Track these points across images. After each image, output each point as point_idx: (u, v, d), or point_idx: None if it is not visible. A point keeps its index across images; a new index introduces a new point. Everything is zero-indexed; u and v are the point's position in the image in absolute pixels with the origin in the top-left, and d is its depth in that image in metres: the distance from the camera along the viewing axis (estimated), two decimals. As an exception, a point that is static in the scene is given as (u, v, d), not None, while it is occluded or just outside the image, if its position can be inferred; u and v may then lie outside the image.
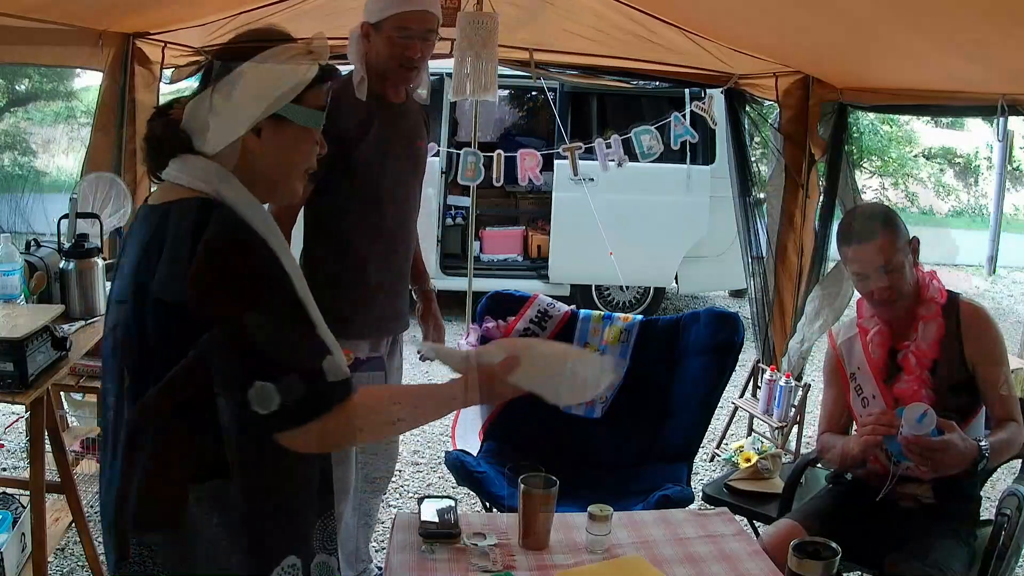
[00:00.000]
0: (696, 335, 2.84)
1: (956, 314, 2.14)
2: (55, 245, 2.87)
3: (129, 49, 3.68)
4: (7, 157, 9.66)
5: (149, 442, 1.28)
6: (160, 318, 1.24)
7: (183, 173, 1.32)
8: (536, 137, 7.06)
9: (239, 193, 1.30)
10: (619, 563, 1.71)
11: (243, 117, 1.31)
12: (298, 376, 1.22)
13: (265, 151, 1.33)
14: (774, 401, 3.83)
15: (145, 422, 1.28)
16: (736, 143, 4.28)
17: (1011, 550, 2.10)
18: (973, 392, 2.13)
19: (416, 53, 2.17)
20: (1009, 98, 2.76)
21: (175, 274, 1.22)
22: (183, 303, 1.21)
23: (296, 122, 1.34)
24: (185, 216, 1.27)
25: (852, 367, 2.25)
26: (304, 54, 1.34)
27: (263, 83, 1.31)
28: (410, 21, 2.14)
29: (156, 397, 1.25)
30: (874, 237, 2.06)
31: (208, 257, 1.22)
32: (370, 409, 1.34)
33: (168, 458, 1.28)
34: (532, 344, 1.51)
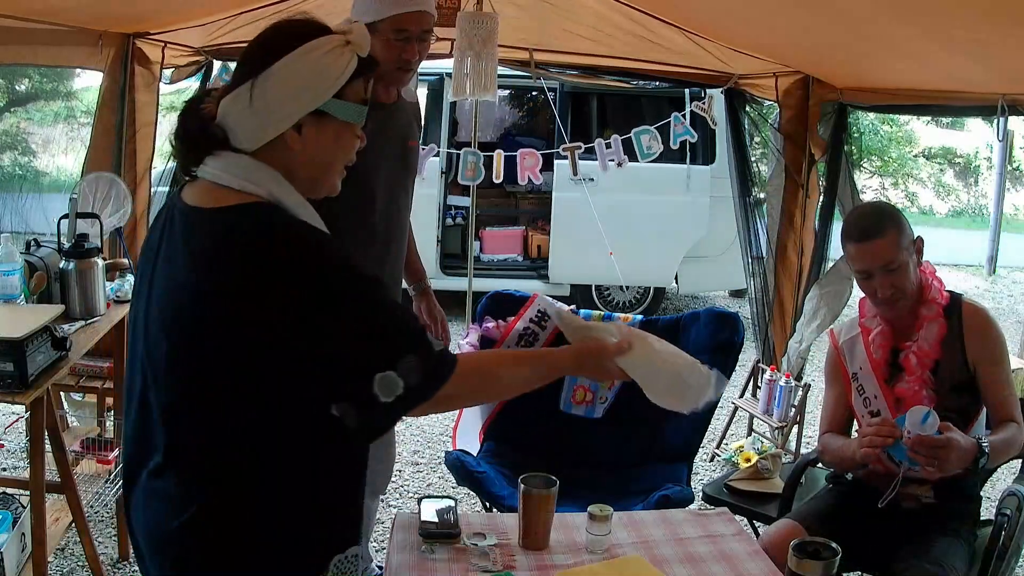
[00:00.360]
0: (696, 335, 2.84)
1: (958, 314, 2.14)
2: (55, 245, 2.87)
3: (129, 49, 3.68)
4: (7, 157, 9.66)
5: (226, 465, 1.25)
6: (238, 330, 1.19)
7: (228, 173, 1.27)
8: (536, 137, 7.06)
9: (290, 195, 1.28)
10: (619, 563, 1.71)
11: (284, 113, 1.27)
12: (414, 357, 1.23)
13: (307, 147, 1.29)
14: (774, 401, 3.83)
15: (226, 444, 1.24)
16: (736, 143, 4.28)
17: (1011, 550, 2.10)
18: (974, 393, 2.13)
19: (414, 55, 2.13)
20: (1009, 98, 2.76)
21: (262, 288, 1.18)
22: (273, 317, 1.18)
23: (338, 117, 1.31)
24: (252, 225, 1.22)
25: (854, 367, 2.25)
26: (343, 46, 1.30)
27: (305, 78, 1.27)
28: (407, 22, 2.09)
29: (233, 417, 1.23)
30: (878, 235, 2.05)
31: (298, 260, 1.20)
32: (478, 371, 1.36)
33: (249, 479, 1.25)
34: (648, 336, 1.50)
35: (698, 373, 1.49)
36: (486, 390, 1.44)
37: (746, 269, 4.32)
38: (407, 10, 2.07)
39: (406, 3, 2.07)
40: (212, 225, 1.25)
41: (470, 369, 1.33)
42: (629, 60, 4.06)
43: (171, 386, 1.26)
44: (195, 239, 1.25)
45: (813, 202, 3.93)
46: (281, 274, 1.19)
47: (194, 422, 1.25)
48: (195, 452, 1.26)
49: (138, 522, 1.33)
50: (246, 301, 1.19)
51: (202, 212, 1.26)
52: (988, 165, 12.87)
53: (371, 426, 1.25)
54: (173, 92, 4.35)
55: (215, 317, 1.20)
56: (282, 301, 1.18)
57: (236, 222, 1.24)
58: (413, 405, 1.24)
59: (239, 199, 1.25)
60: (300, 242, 1.23)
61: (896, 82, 3.32)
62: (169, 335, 1.24)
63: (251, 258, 1.20)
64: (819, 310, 3.81)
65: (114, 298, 2.95)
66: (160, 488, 1.28)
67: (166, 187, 4.16)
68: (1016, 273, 9.38)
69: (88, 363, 3.08)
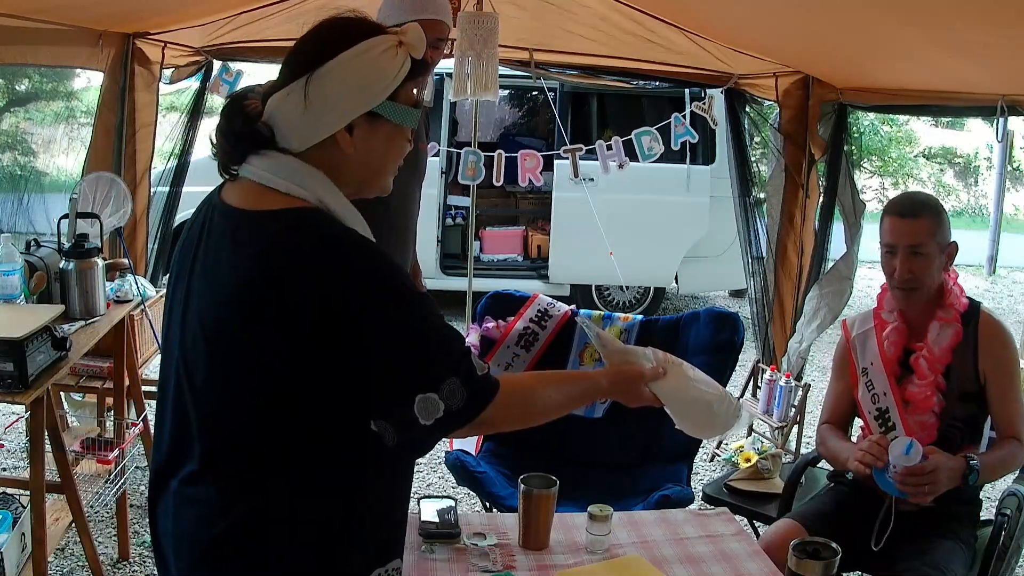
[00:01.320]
0: (696, 335, 2.84)
1: (975, 324, 2.14)
2: (55, 245, 2.87)
3: (129, 49, 3.68)
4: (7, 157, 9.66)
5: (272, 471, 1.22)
6: (284, 337, 1.17)
7: (275, 175, 1.23)
8: (536, 137, 7.06)
9: (338, 199, 1.25)
10: (619, 563, 1.71)
11: (339, 113, 1.23)
12: (457, 380, 1.21)
13: (358, 150, 1.25)
14: (774, 401, 3.83)
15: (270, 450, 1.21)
16: (736, 143, 4.28)
17: (1011, 550, 2.10)
18: (983, 403, 2.13)
19: (432, 59, 2.18)
20: (1009, 99, 2.77)
21: (315, 299, 1.15)
22: (322, 328, 1.16)
23: (391, 120, 1.27)
24: (307, 233, 1.20)
25: (865, 362, 2.24)
26: (397, 46, 1.26)
27: (360, 78, 1.23)
28: (427, 29, 2.13)
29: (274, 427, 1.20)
30: (916, 216, 2.09)
31: (357, 272, 1.18)
32: (519, 394, 1.34)
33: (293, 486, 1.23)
34: (684, 363, 1.54)
35: (728, 404, 1.52)
36: (525, 415, 1.39)
37: (746, 269, 4.32)
38: (424, 17, 2.11)
39: (424, 11, 2.15)
40: (262, 229, 1.21)
41: (511, 392, 1.30)
42: (629, 60, 4.07)
43: (210, 392, 1.22)
44: (244, 241, 1.21)
45: (813, 202, 3.93)
46: (336, 285, 1.16)
47: (234, 430, 1.22)
48: (235, 461, 1.22)
49: (166, 529, 1.30)
50: (296, 309, 1.16)
51: (249, 214, 1.23)
52: (988, 165, 12.87)
53: (409, 447, 1.23)
54: (173, 92, 4.35)
55: (261, 323, 1.17)
56: (334, 312, 1.15)
57: (288, 228, 1.20)
58: (453, 428, 1.23)
59: (287, 203, 1.22)
60: (357, 254, 1.20)
61: (896, 82, 3.32)
62: (208, 339, 1.21)
63: (306, 267, 1.16)
64: (819, 310, 3.81)
65: (114, 298, 2.95)
66: (195, 495, 1.24)
67: (166, 187, 4.16)
68: (1016, 273, 9.38)
69: (88, 363, 3.08)
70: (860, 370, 2.25)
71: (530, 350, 2.94)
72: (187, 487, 1.25)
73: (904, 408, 2.14)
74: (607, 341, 1.52)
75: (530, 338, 2.95)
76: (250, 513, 1.22)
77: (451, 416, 1.20)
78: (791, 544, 1.64)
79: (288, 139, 1.24)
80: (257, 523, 1.22)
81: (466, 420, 1.23)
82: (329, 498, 1.25)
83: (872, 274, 8.34)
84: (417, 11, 2.14)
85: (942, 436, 2.12)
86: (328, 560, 1.25)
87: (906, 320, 2.20)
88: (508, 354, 2.95)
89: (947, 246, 2.13)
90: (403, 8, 2.16)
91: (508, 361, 2.94)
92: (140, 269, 3.91)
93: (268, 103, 1.24)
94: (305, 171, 1.23)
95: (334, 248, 1.19)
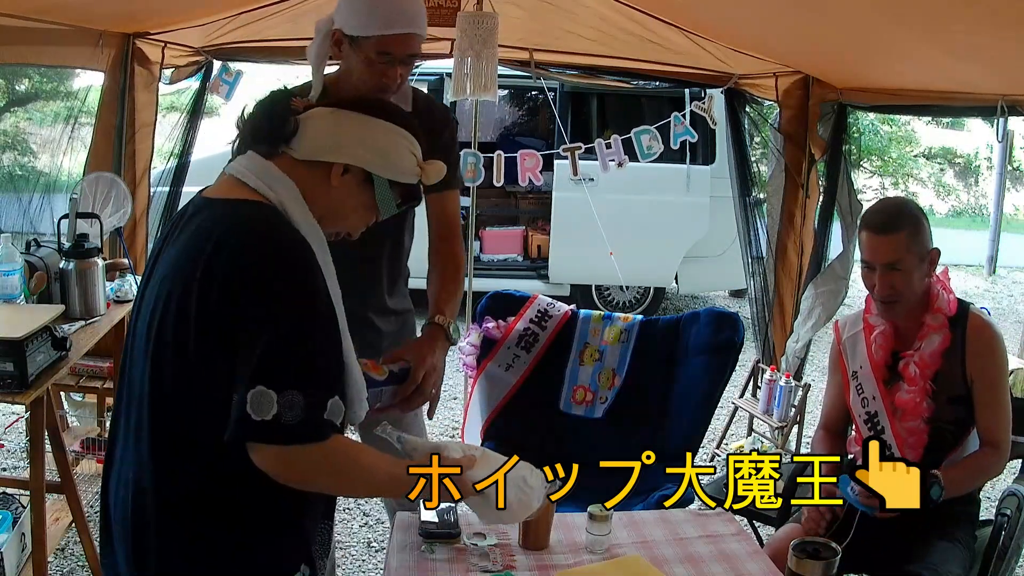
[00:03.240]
0: (696, 335, 2.84)
1: (963, 327, 2.11)
2: (55, 245, 2.87)
3: (129, 49, 3.68)
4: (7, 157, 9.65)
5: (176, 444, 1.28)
6: (206, 317, 1.23)
7: (250, 172, 1.34)
8: (536, 137, 7.05)
9: (299, 208, 1.34)
10: (619, 563, 1.71)
11: (353, 153, 1.37)
12: (303, 398, 1.21)
13: (339, 189, 1.37)
14: (774, 401, 3.83)
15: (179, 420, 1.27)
16: (736, 143, 4.28)
17: (1011, 550, 2.10)
18: (969, 405, 2.12)
19: (394, 80, 1.91)
20: (1009, 99, 2.76)
21: (230, 272, 1.23)
22: (224, 298, 1.22)
23: (376, 194, 1.40)
24: (246, 217, 1.30)
25: (854, 365, 2.24)
26: (416, 163, 1.43)
27: (387, 147, 1.39)
28: (392, 45, 1.86)
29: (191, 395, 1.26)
30: (890, 231, 2.02)
31: (257, 258, 1.24)
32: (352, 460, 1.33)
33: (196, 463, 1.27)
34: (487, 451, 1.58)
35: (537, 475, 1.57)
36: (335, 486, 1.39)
37: (746, 269, 4.32)
38: (393, 32, 1.85)
39: (393, 23, 1.85)
40: (213, 211, 1.32)
41: (345, 451, 1.31)
42: (629, 60, 4.06)
43: (145, 361, 1.29)
44: (196, 222, 1.31)
45: (813, 202, 3.93)
46: (244, 268, 1.23)
47: (165, 407, 1.28)
48: (163, 436, 1.29)
49: (115, 504, 1.37)
50: (207, 282, 1.23)
51: (212, 201, 1.34)
52: (988, 165, 12.86)
53: (237, 433, 1.21)
54: (173, 92, 4.35)
55: (183, 293, 1.25)
56: (231, 292, 1.22)
57: (234, 213, 1.30)
58: (274, 440, 1.21)
59: (249, 196, 1.32)
60: (280, 249, 1.27)
61: (896, 82, 3.32)
62: (152, 312, 1.29)
63: (236, 247, 1.24)
64: (814, 309, 3.81)
65: (114, 298, 2.95)
66: (130, 475, 1.31)
67: (166, 187, 4.16)
68: (1016, 273, 9.38)
69: (88, 363, 3.08)
70: (850, 373, 2.24)
71: (531, 351, 2.95)
72: (123, 465, 1.33)
73: (893, 413, 2.14)
74: (415, 444, 1.52)
75: (530, 339, 2.96)
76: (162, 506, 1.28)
77: (279, 427, 1.19)
78: (791, 544, 1.64)
79: (302, 142, 1.36)
80: (169, 520, 1.29)
81: (290, 438, 1.21)
82: (223, 503, 1.29)
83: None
84: (384, 25, 1.84)
85: (932, 440, 2.11)
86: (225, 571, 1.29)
87: (894, 324, 2.19)
88: (509, 355, 2.95)
89: (928, 253, 2.08)
90: (369, 17, 1.84)
91: (509, 362, 2.94)
92: (140, 269, 3.90)
93: (312, 111, 1.38)
94: (279, 177, 1.34)
95: (262, 238, 1.27)
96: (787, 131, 3.91)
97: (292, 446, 1.21)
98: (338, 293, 1.38)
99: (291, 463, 1.24)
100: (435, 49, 3.95)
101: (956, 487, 2.02)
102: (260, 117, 1.38)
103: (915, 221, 2.05)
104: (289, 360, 1.22)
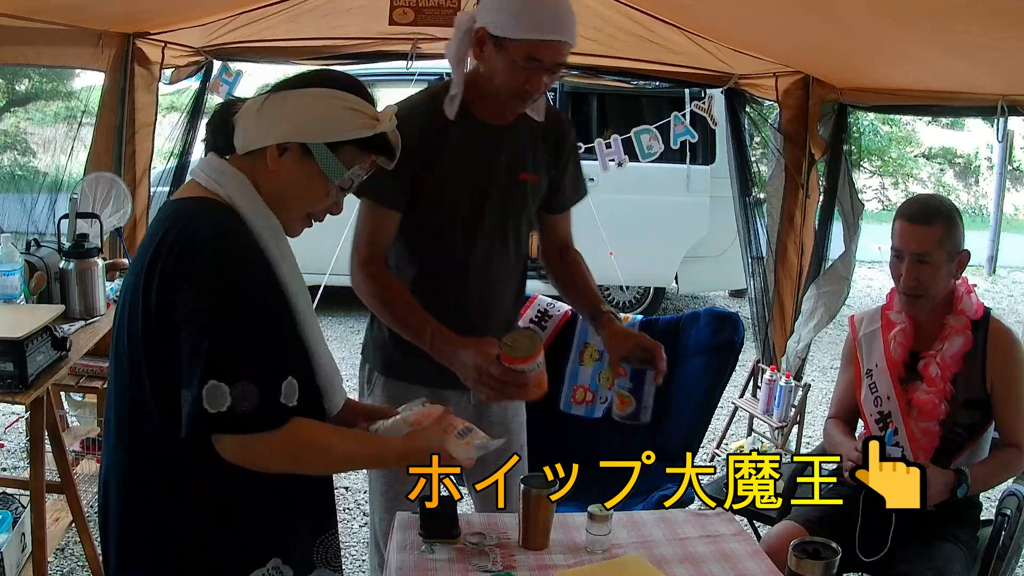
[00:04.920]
0: (696, 335, 2.84)
1: (984, 331, 2.13)
2: (55, 245, 2.87)
3: (129, 49, 3.68)
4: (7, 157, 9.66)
5: (132, 432, 1.33)
6: (148, 310, 1.27)
7: (204, 172, 1.36)
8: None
9: (250, 201, 1.34)
10: (619, 563, 1.71)
11: (280, 129, 1.33)
12: (254, 386, 1.23)
13: (279, 171, 1.35)
14: (774, 401, 3.83)
15: (133, 410, 1.32)
16: (736, 143, 4.28)
17: (1011, 550, 2.10)
18: (986, 410, 2.13)
19: (539, 89, 1.81)
20: (1009, 99, 2.76)
21: (167, 266, 1.26)
22: (170, 293, 1.25)
23: (318, 163, 1.34)
24: (190, 213, 1.32)
25: (870, 363, 2.23)
26: (370, 118, 1.35)
27: (315, 111, 1.33)
28: (542, 51, 1.74)
29: (141, 386, 1.30)
30: (925, 222, 2.03)
31: (194, 249, 1.26)
32: (309, 442, 1.33)
33: (150, 451, 1.32)
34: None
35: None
36: (312, 466, 1.38)
37: (746, 269, 4.32)
38: (545, 37, 1.73)
39: (546, 28, 1.73)
40: (164, 210, 1.38)
41: (301, 434, 1.30)
42: (629, 60, 4.06)
43: (116, 356, 1.35)
44: (154, 224, 1.36)
45: (813, 202, 3.93)
46: (192, 263, 1.26)
47: (119, 397, 1.34)
48: (117, 431, 1.34)
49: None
50: (150, 274, 1.27)
51: (171, 202, 1.38)
52: (988, 165, 12.87)
53: (193, 428, 1.23)
54: (173, 92, 4.35)
55: (135, 288, 1.29)
56: (180, 284, 1.25)
57: (182, 209, 1.33)
58: (231, 430, 1.23)
59: (200, 193, 1.35)
60: (213, 233, 1.28)
61: (896, 82, 3.32)
62: (119, 308, 1.35)
63: (173, 242, 1.27)
64: (816, 309, 3.81)
65: (114, 298, 2.95)
66: (115, 473, 1.36)
67: (166, 187, 4.15)
68: (1016, 273, 9.37)
69: (88, 363, 3.07)
70: (864, 371, 2.24)
71: (530, 350, 2.94)
72: (111, 465, 1.38)
73: (908, 413, 2.14)
74: (393, 425, 1.53)
75: (530, 338, 2.95)
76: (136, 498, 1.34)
77: (233, 417, 1.22)
78: (791, 544, 1.64)
79: (238, 138, 1.36)
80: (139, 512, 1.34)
81: (245, 428, 1.23)
82: (193, 494, 1.32)
83: (872, 274, 8.35)
84: (536, 29, 1.72)
85: (944, 442, 2.12)
86: (199, 559, 1.33)
87: (914, 323, 2.18)
88: (509, 354, 2.94)
89: (958, 254, 2.09)
90: (520, 19, 1.72)
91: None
92: (140, 269, 3.90)
93: (243, 106, 1.37)
94: (228, 172, 1.36)
95: (196, 232, 1.28)
96: (787, 131, 3.91)
97: (250, 434, 1.24)
98: (299, 277, 1.38)
99: (250, 450, 1.26)
100: (435, 49, 3.95)
101: (981, 484, 2.07)
102: (207, 129, 1.42)
103: (950, 218, 2.07)
104: (235, 351, 1.24)
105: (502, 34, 1.75)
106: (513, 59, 1.75)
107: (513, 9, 1.73)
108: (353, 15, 3.72)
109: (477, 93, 1.86)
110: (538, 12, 1.72)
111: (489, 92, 1.84)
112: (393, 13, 3.53)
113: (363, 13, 3.68)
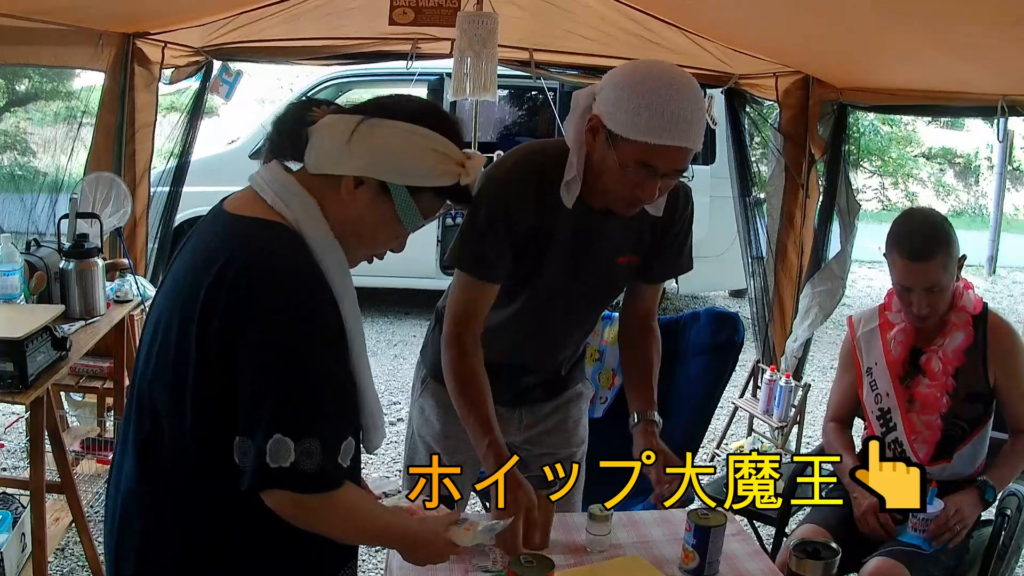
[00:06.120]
0: (696, 335, 2.84)
1: (984, 325, 2.15)
2: (55, 245, 2.87)
3: (129, 49, 3.68)
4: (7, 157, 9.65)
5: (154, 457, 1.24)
6: (204, 339, 1.17)
7: (268, 186, 1.25)
8: (536, 137, 7.04)
9: (319, 227, 1.23)
10: (619, 563, 1.71)
11: (361, 163, 1.23)
12: (318, 443, 1.16)
13: (352, 204, 1.25)
14: (774, 401, 3.83)
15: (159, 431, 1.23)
16: (736, 143, 4.28)
17: (1011, 550, 2.11)
18: (987, 403, 2.15)
19: (651, 197, 1.63)
20: (1009, 99, 2.77)
21: (233, 299, 1.16)
22: (233, 329, 1.16)
23: (395, 205, 1.25)
24: (259, 241, 1.20)
25: (869, 362, 2.24)
26: (454, 163, 1.26)
27: (401, 150, 1.23)
28: (659, 157, 1.57)
29: (181, 415, 1.21)
30: (929, 258, 2.01)
31: (267, 286, 1.17)
32: (356, 506, 1.28)
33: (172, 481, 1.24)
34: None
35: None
36: (343, 534, 1.31)
37: (746, 269, 4.32)
38: (662, 142, 1.54)
39: (664, 133, 1.53)
40: (225, 228, 1.24)
41: (350, 496, 1.24)
42: (629, 60, 4.06)
43: (151, 377, 1.24)
44: (206, 237, 1.25)
45: (813, 202, 3.94)
46: (261, 302, 1.16)
47: (165, 426, 1.22)
48: (160, 455, 1.24)
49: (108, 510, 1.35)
50: (210, 307, 1.16)
51: (229, 216, 1.25)
52: (988, 165, 12.86)
53: (255, 481, 1.16)
54: (173, 92, 4.35)
55: (184, 316, 1.19)
56: (234, 321, 1.15)
57: (247, 235, 1.21)
58: (292, 487, 1.16)
59: (265, 214, 1.23)
60: (286, 276, 1.18)
61: (896, 82, 3.33)
62: (156, 328, 1.24)
63: (239, 273, 1.16)
64: (811, 308, 3.82)
65: (114, 298, 2.95)
66: (129, 488, 1.27)
67: (166, 187, 4.16)
68: (1016, 273, 9.37)
69: (88, 363, 3.08)
70: (864, 369, 2.25)
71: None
72: (126, 479, 1.28)
73: (907, 409, 2.15)
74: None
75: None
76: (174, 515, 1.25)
77: (296, 475, 1.15)
78: (791, 544, 1.64)
79: (312, 155, 1.25)
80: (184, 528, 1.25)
81: (307, 487, 1.17)
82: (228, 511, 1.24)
83: (872, 274, 8.35)
84: (652, 133, 1.53)
85: (945, 436, 2.13)
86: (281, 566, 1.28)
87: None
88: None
89: (957, 262, 2.10)
90: (636, 119, 1.53)
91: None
92: (140, 269, 3.91)
93: (325, 118, 1.25)
94: (297, 192, 1.24)
95: (269, 262, 1.18)
96: (787, 131, 3.91)
97: (308, 494, 1.18)
98: (357, 314, 1.28)
99: (307, 509, 1.20)
100: (435, 49, 3.95)
101: (1005, 482, 2.13)
102: (274, 128, 1.29)
103: (948, 242, 2.04)
104: (303, 405, 1.16)
105: (616, 130, 1.56)
106: (625, 161, 1.57)
107: (630, 106, 1.54)
108: (353, 15, 3.72)
109: (589, 176, 1.68)
110: (657, 114, 1.53)
111: (599, 188, 1.68)
112: (393, 13, 3.53)
113: (363, 13, 3.68)
